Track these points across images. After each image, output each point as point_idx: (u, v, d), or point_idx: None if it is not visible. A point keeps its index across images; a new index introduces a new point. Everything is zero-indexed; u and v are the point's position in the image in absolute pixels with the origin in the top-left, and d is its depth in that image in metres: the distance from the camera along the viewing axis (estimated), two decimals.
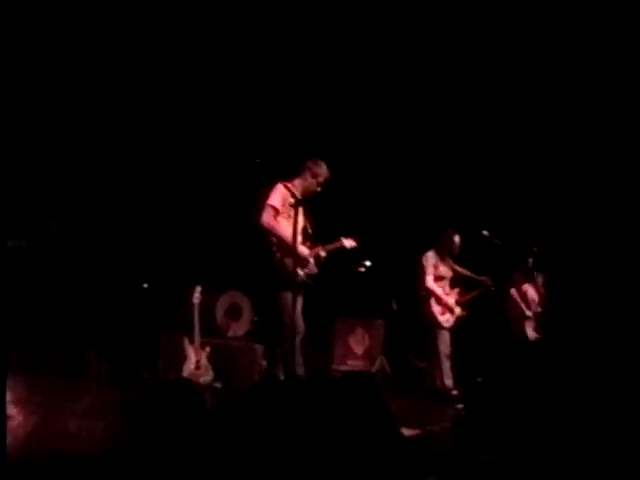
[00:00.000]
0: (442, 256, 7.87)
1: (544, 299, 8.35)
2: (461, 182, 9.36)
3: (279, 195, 5.89)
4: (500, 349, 7.78)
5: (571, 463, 3.90)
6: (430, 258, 7.82)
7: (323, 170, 6.10)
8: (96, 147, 8.68)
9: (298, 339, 5.79)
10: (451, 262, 7.97)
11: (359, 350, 9.18)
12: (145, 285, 8.38)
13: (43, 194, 8.22)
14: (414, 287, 7.89)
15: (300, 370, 5.76)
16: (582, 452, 4.07)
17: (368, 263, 8.36)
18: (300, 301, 5.84)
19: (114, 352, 7.54)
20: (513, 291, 8.42)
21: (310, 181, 6.07)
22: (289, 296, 5.54)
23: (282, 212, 5.87)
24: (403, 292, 8.54)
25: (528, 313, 8.33)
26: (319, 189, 6.09)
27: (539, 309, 8.34)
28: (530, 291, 8.42)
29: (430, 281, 7.73)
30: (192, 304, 7.18)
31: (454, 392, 7.44)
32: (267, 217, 5.81)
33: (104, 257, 8.31)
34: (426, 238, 8.07)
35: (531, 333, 8.31)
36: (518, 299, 8.38)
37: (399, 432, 4.12)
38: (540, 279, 8.41)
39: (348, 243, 6.15)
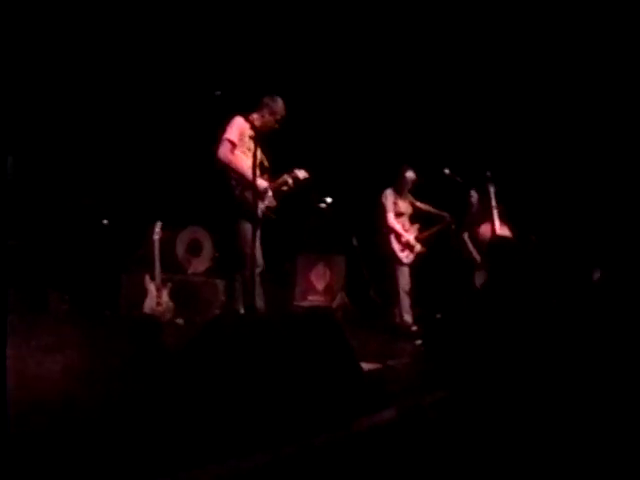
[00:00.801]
0: (400, 193, 7.89)
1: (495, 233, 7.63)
2: (426, 119, 9.33)
3: (236, 129, 5.84)
4: (458, 287, 7.85)
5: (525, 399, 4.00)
6: (389, 196, 7.84)
7: (280, 106, 6.04)
8: (52, 83, 8.48)
9: (257, 272, 5.80)
10: (411, 198, 7.99)
11: (320, 286, 9.27)
12: (105, 222, 8.31)
13: None
14: (374, 224, 7.91)
15: (260, 302, 5.78)
16: (535, 388, 4.18)
17: (329, 200, 8.36)
18: (258, 235, 5.83)
19: (75, 290, 7.50)
20: (465, 235, 8.16)
21: (268, 118, 6.01)
22: (249, 227, 5.51)
23: (239, 146, 5.82)
24: (363, 228, 8.56)
25: (478, 259, 7.99)
26: (277, 126, 6.05)
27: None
28: (483, 230, 7.87)
29: (391, 218, 7.75)
30: (152, 241, 7.15)
31: (413, 328, 7.53)
32: (224, 151, 5.76)
33: (63, 194, 8.20)
34: (387, 175, 8.06)
35: (479, 281, 7.88)
36: (469, 244, 8.10)
37: (359, 366, 4.18)
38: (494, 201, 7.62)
39: (301, 174, 6.12)
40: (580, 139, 8.62)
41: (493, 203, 7.59)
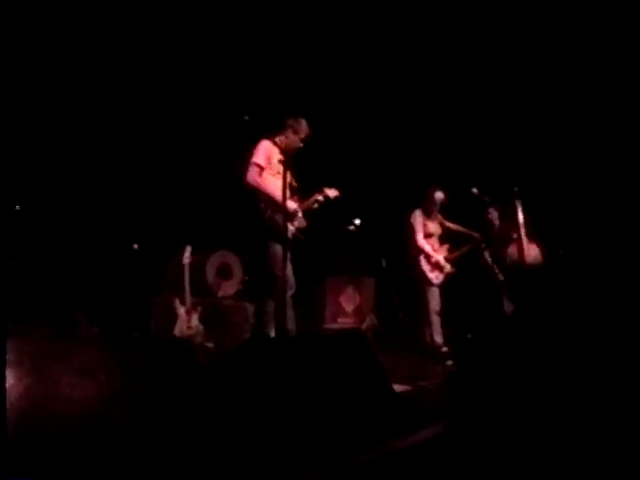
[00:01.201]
0: (428, 213, 7.85)
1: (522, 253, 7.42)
2: (453, 139, 9.32)
3: (263, 152, 5.90)
4: (488, 307, 7.79)
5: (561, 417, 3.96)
6: (418, 216, 7.81)
7: (304, 126, 6.10)
8: (81, 108, 8.59)
9: (289, 294, 5.81)
10: (440, 218, 7.95)
11: (349, 308, 9.25)
12: (135, 246, 8.37)
13: (30, 158, 8.15)
14: (404, 245, 7.89)
15: (291, 325, 5.79)
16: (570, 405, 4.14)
17: (358, 222, 8.36)
18: (289, 257, 5.84)
19: (105, 313, 7.56)
20: (486, 254, 7.99)
21: (292, 138, 6.07)
22: (280, 249, 5.53)
23: (268, 169, 5.87)
24: (392, 250, 8.54)
25: (502, 278, 7.84)
26: (301, 145, 6.10)
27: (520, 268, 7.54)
28: (511, 250, 7.68)
29: (420, 239, 7.72)
30: (182, 264, 7.19)
31: (444, 349, 7.47)
32: (252, 175, 5.81)
33: (94, 219, 8.28)
34: (415, 196, 8.05)
35: (508, 306, 7.74)
36: (490, 264, 7.92)
37: (391, 388, 4.17)
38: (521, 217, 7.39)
39: (331, 193, 6.16)
40: (606, 151, 8.54)
41: (520, 220, 7.48)
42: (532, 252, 7.52)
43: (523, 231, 7.44)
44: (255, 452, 3.09)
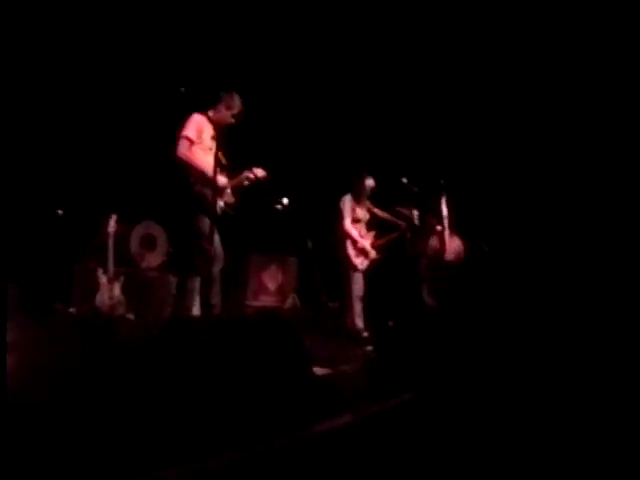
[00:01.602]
0: (358, 199, 7.92)
1: (444, 245, 7.64)
2: (388, 129, 9.38)
3: (194, 126, 5.87)
4: (409, 295, 7.90)
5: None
6: (347, 201, 7.87)
7: (236, 102, 6.09)
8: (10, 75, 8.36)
9: (217, 268, 5.83)
10: (369, 205, 8.02)
11: (272, 286, 9.29)
12: (60, 212, 8.22)
13: None
14: (331, 229, 7.94)
15: (216, 299, 5.82)
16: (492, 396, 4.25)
17: (285, 201, 8.36)
18: (217, 231, 5.83)
19: (26, 280, 7.41)
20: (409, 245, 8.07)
21: (224, 113, 6.06)
22: (208, 223, 5.54)
23: (198, 143, 5.85)
24: (318, 231, 8.59)
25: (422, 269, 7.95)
26: (233, 121, 6.08)
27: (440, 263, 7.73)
28: (433, 242, 7.90)
29: (348, 224, 7.78)
30: (107, 233, 7.11)
31: (364, 334, 7.56)
32: (182, 148, 5.79)
33: (18, 181, 8.09)
34: (345, 180, 8.10)
35: (427, 297, 7.83)
36: (412, 254, 8.04)
37: (311, 371, 4.20)
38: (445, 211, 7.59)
39: (259, 173, 6.17)
40: (534, 151, 8.70)
41: (444, 213, 7.63)
42: (454, 245, 7.67)
43: (446, 224, 7.59)
44: (170, 434, 3.09)
